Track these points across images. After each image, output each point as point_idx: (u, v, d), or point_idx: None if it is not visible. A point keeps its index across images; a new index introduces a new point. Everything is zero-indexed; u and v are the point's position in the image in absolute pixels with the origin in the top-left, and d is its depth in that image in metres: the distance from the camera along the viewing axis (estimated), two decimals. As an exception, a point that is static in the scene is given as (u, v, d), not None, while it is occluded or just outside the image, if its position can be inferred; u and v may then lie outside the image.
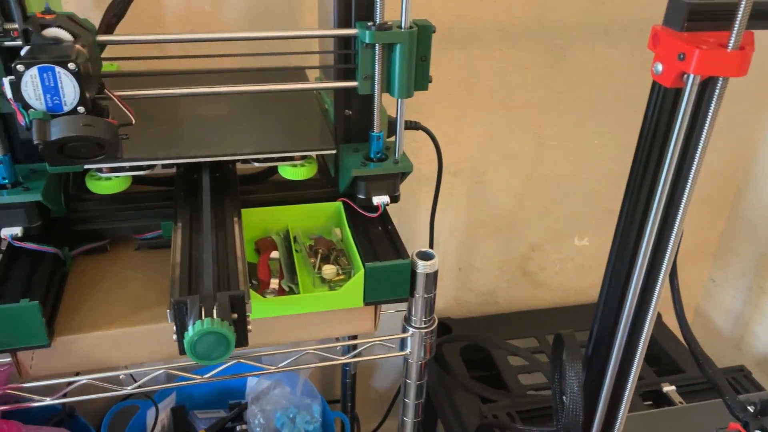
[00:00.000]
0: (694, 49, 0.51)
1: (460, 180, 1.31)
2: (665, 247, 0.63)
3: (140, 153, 0.71)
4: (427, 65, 0.74)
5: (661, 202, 0.60)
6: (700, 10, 0.54)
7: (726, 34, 0.52)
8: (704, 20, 0.54)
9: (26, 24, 0.57)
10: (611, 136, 1.33)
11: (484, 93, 1.23)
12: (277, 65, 0.86)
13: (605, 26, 1.21)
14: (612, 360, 0.70)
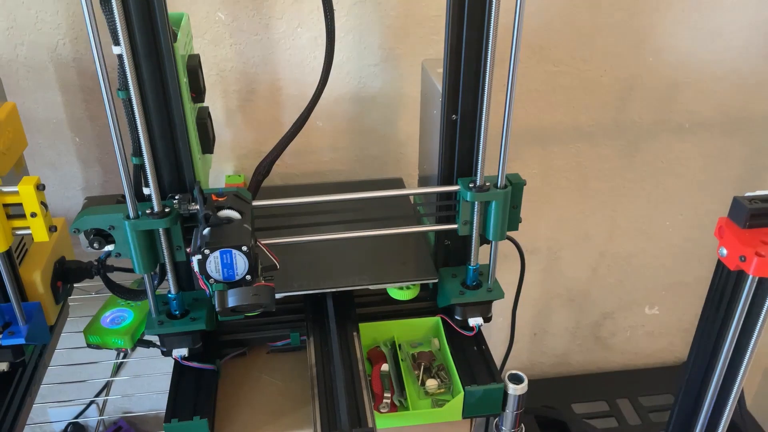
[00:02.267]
0: (753, 254, 0.62)
1: (537, 257, 1.42)
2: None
3: (278, 285, 0.87)
4: (518, 211, 0.86)
5: (726, 360, 0.71)
6: (760, 213, 0.64)
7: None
8: (764, 223, 0.64)
9: (207, 208, 0.73)
10: (682, 218, 1.41)
11: (561, 183, 1.33)
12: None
13: (678, 123, 1.29)
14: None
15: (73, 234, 0.77)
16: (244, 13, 1.07)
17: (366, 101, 1.19)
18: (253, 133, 1.19)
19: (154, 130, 0.76)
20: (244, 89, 1.14)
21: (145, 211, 0.76)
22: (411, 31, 1.13)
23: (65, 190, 1.18)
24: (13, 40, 1.03)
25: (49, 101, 1.09)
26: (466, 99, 0.81)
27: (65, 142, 1.13)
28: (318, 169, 1.25)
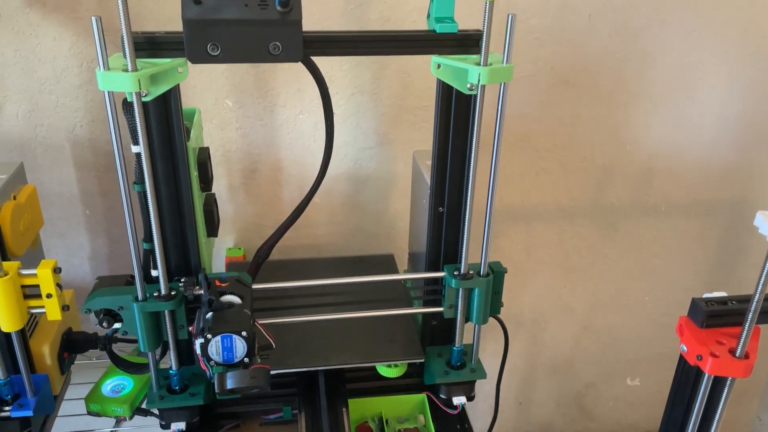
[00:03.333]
0: (708, 354, 0.68)
1: (521, 328, 1.48)
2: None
3: (273, 362, 0.92)
4: (500, 297, 0.93)
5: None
6: (716, 314, 0.71)
7: (738, 330, 0.69)
8: (719, 323, 0.71)
9: (210, 293, 0.79)
10: (660, 293, 1.48)
11: (544, 258, 1.40)
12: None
13: (654, 205, 1.37)
14: None
15: (84, 313, 0.83)
16: (250, 101, 1.16)
17: (361, 180, 1.26)
18: (253, 208, 1.26)
19: (165, 218, 0.83)
20: (248, 168, 1.21)
21: (153, 294, 0.82)
22: (403, 118, 1.22)
23: (72, 258, 1.24)
24: (33, 122, 1.11)
25: (64, 177, 1.16)
26: (452, 194, 0.89)
27: (76, 214, 1.20)
28: (314, 242, 1.31)
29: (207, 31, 0.72)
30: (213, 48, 0.73)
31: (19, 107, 1.10)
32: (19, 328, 0.81)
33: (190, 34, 0.72)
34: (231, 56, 0.74)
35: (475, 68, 0.76)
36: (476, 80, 0.76)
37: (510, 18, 0.74)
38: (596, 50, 1.20)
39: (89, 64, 1.08)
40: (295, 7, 0.73)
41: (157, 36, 0.73)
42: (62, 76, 1.09)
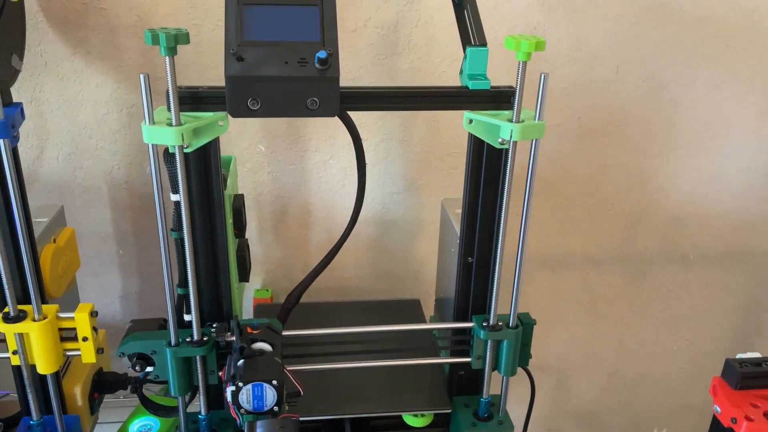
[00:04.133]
0: (743, 418, 0.67)
1: (547, 375, 1.46)
2: None
3: (300, 408, 0.92)
4: (528, 348, 0.92)
5: None
6: (751, 376, 0.70)
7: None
8: (754, 384, 0.70)
9: (242, 340, 0.81)
10: (688, 343, 1.46)
11: (571, 305, 1.39)
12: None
13: (683, 254, 1.36)
14: None
15: (118, 357, 0.84)
16: (283, 146, 1.18)
17: (388, 224, 1.28)
18: (282, 250, 1.27)
19: (200, 264, 0.85)
20: (278, 211, 1.24)
21: (185, 339, 0.83)
22: (431, 164, 1.23)
23: (104, 297, 1.26)
24: (73, 164, 1.15)
25: (100, 218, 1.19)
26: (482, 244, 0.89)
27: (110, 253, 1.22)
28: (341, 284, 1.32)
29: (248, 87, 0.75)
30: (253, 103, 0.75)
31: (60, 150, 1.14)
32: (55, 370, 0.83)
33: (232, 90, 0.75)
34: (270, 111, 0.76)
35: (507, 125, 0.77)
36: (509, 136, 0.77)
37: (542, 77, 0.75)
38: (625, 100, 1.21)
39: (129, 110, 1.12)
40: (333, 65, 0.76)
41: (200, 91, 0.76)
42: (102, 121, 1.12)
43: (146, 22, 1.06)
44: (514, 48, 0.74)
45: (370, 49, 1.12)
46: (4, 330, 0.80)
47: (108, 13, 1.05)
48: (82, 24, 1.05)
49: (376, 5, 1.09)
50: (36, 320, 0.80)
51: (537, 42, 0.72)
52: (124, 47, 1.08)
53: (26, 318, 0.80)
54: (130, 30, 1.06)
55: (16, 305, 0.80)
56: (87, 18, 1.05)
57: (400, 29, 1.12)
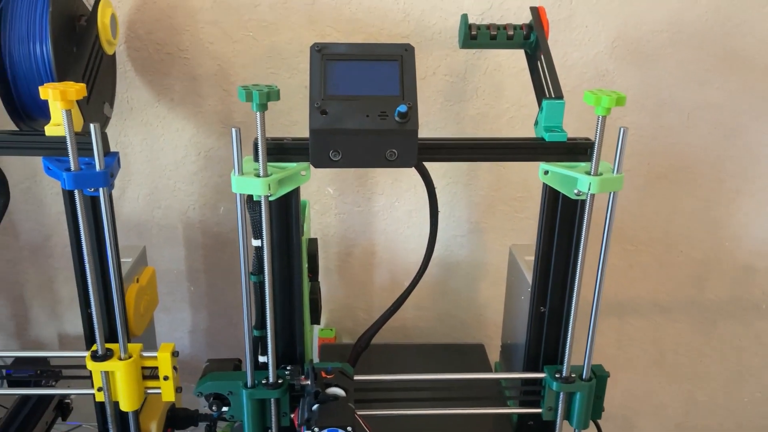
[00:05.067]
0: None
1: (611, 425, 1.42)
2: None
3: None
4: (601, 401, 0.91)
5: None
6: None
7: None
8: None
9: (316, 385, 0.82)
10: (761, 395, 1.40)
11: (637, 353, 1.36)
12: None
13: (755, 303, 1.32)
14: None
15: (196, 396, 0.87)
16: (350, 189, 1.21)
17: (451, 267, 1.28)
18: (346, 290, 1.29)
19: (276, 307, 0.87)
20: (343, 252, 1.26)
21: (261, 381, 0.85)
22: (497, 208, 1.24)
23: (174, 331, 1.30)
24: (152, 204, 1.20)
25: (174, 255, 1.24)
26: (555, 294, 0.89)
27: (181, 290, 1.27)
28: (402, 324, 1.33)
29: (331, 139, 0.77)
30: (335, 154, 0.78)
31: (141, 191, 1.19)
32: (137, 408, 0.86)
33: (316, 142, 0.77)
34: (350, 162, 0.79)
35: (585, 177, 0.77)
36: (586, 189, 0.77)
37: (621, 132, 0.76)
38: (696, 147, 1.20)
39: (206, 153, 1.17)
40: (412, 118, 0.78)
41: (285, 143, 0.79)
42: (181, 164, 1.17)
43: (226, 71, 1.11)
44: (594, 103, 0.74)
45: (438, 96, 1.15)
46: (92, 368, 0.83)
47: (191, 63, 1.11)
48: (167, 72, 1.11)
49: (445, 54, 1.12)
50: (122, 359, 0.84)
51: (618, 98, 0.73)
52: (205, 94, 1.13)
53: (113, 356, 0.84)
54: (210, 79, 1.12)
55: (104, 344, 0.84)
56: (172, 67, 1.11)
57: (468, 76, 1.14)
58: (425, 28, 1.10)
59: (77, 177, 0.74)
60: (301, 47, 1.10)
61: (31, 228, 1.21)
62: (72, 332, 1.31)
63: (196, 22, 1.08)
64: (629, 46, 1.13)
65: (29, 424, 1.02)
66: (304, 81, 1.12)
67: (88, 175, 0.74)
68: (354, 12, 1.09)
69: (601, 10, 1.10)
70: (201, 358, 1.31)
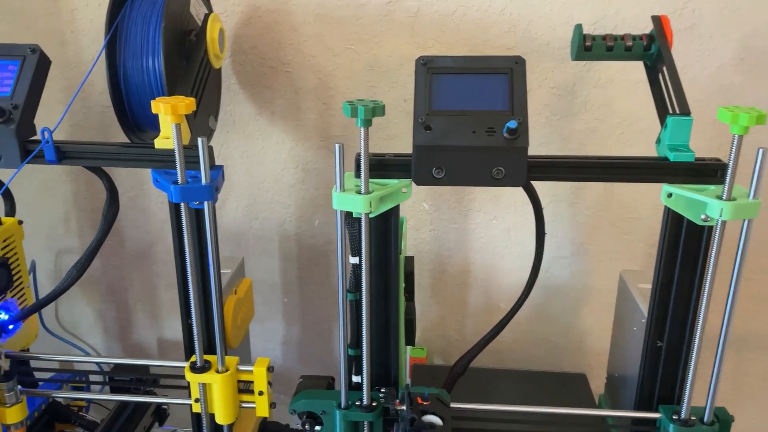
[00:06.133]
0: None
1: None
2: None
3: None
4: (724, 444, 0.82)
5: None
6: None
7: None
8: None
9: (412, 411, 0.79)
10: None
11: (755, 391, 1.24)
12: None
13: None
14: None
15: (290, 413, 0.86)
16: (446, 205, 1.17)
17: (552, 290, 1.22)
18: (438, 309, 1.25)
19: (372, 327, 0.84)
20: (437, 269, 1.22)
21: (355, 402, 0.83)
22: (603, 229, 1.16)
23: (266, 342, 1.31)
24: (250, 216, 1.21)
25: (269, 267, 1.24)
26: (675, 328, 0.81)
27: (275, 301, 1.27)
28: (496, 347, 1.27)
29: (435, 156, 0.74)
30: (438, 171, 0.75)
31: (240, 202, 1.21)
32: (232, 421, 0.86)
33: (419, 159, 0.74)
34: (454, 180, 0.75)
35: (716, 202, 0.70)
36: (717, 215, 0.70)
37: (760, 153, 0.68)
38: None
39: (304, 166, 1.17)
40: (522, 135, 0.73)
41: (386, 159, 0.77)
42: (279, 176, 1.18)
43: (326, 84, 1.11)
44: (729, 121, 0.67)
45: (544, 110, 1.09)
46: (190, 379, 0.84)
47: (293, 76, 1.11)
48: (269, 86, 1.12)
49: (552, 66, 1.07)
50: (219, 371, 0.84)
51: (758, 116, 0.65)
52: (305, 108, 1.13)
53: (211, 369, 0.84)
54: (311, 92, 1.12)
55: (203, 356, 0.84)
56: (274, 80, 1.12)
57: (577, 89, 1.08)
58: (531, 39, 1.05)
59: (184, 190, 0.74)
60: (402, 60, 1.08)
61: (136, 235, 1.26)
62: (171, 338, 1.34)
63: (300, 35, 1.08)
64: (758, 58, 1.03)
65: (129, 427, 1.05)
66: (403, 94, 1.10)
67: (195, 188, 0.75)
68: (458, 24, 1.05)
69: (727, 18, 1.01)
70: (292, 371, 1.32)
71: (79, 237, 1.27)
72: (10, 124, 0.77)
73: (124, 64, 0.84)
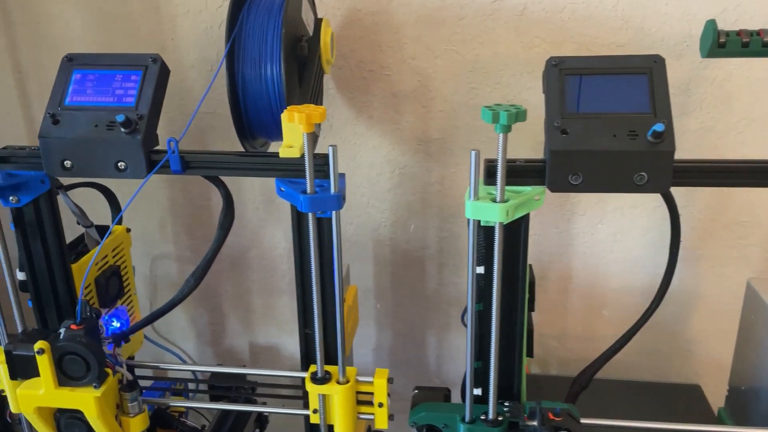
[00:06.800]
0: None
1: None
2: None
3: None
4: None
5: None
6: None
7: None
8: None
9: (546, 428, 0.75)
10: None
11: None
12: None
13: None
14: None
15: (410, 426, 0.84)
16: (548, 208, 1.14)
17: (658, 296, 1.16)
18: (537, 316, 1.21)
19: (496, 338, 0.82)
20: (538, 275, 1.18)
21: (479, 416, 0.80)
22: (716, 233, 1.11)
23: (359, 347, 1.29)
24: (345, 220, 1.20)
25: (363, 271, 1.23)
26: (824, 342, 0.76)
27: (368, 307, 1.26)
28: (595, 356, 1.23)
29: (572, 161, 0.71)
30: (575, 178, 0.72)
31: (335, 207, 1.19)
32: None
33: (555, 165, 0.71)
34: (591, 186, 0.72)
35: None
36: None
37: None
38: None
39: (400, 171, 1.15)
40: (667, 138, 0.70)
41: (517, 165, 0.74)
42: (375, 181, 1.16)
43: (426, 86, 1.09)
44: None
45: (655, 109, 1.04)
46: (310, 389, 0.83)
47: (392, 79, 1.09)
48: (367, 90, 1.10)
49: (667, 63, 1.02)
50: (340, 383, 0.82)
51: None
52: (403, 111, 1.11)
53: (331, 380, 0.83)
54: (410, 95, 1.10)
55: (323, 366, 0.83)
56: (373, 84, 1.10)
57: (692, 87, 1.02)
58: (645, 35, 1.01)
59: (314, 200, 0.73)
60: (506, 60, 1.05)
61: (232, 241, 1.26)
62: (263, 343, 1.34)
63: (400, 38, 1.06)
64: None
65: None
66: (506, 95, 1.07)
67: (325, 198, 0.73)
68: (566, 21, 1.02)
69: None
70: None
71: (174, 243, 1.28)
72: (136, 135, 0.77)
73: (243, 72, 0.83)
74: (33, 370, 0.78)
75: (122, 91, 0.79)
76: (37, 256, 0.85)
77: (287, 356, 1.35)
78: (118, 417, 0.81)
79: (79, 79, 0.80)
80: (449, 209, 1.17)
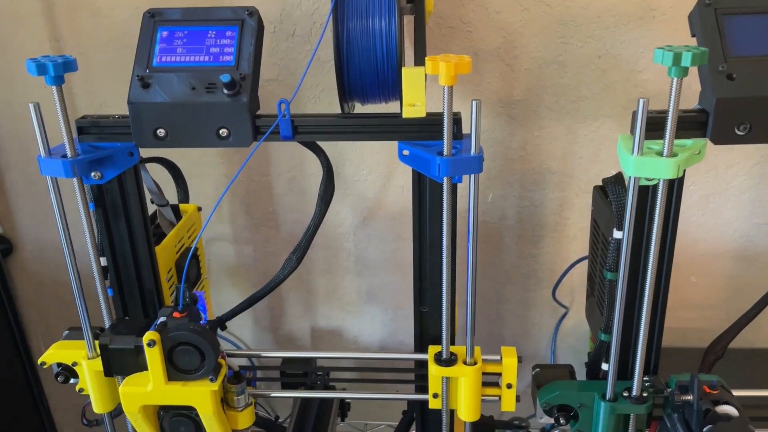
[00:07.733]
0: None
1: None
2: None
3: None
4: None
5: None
6: None
7: None
8: None
9: (705, 402, 0.69)
10: None
11: None
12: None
13: None
14: None
15: (541, 407, 0.77)
16: (639, 171, 1.07)
17: (750, 260, 1.11)
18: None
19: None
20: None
21: (622, 393, 0.74)
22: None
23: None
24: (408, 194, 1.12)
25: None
26: None
27: (442, 284, 1.18)
28: (682, 325, 1.18)
29: (741, 110, 0.64)
30: (743, 128, 0.65)
31: (406, 178, 1.11)
32: (477, 418, 0.78)
33: (720, 114, 0.65)
34: (762, 137, 0.65)
35: None
36: None
37: None
38: None
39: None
40: None
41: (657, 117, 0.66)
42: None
43: (511, 43, 1.01)
44: None
45: None
46: (435, 372, 0.76)
47: (473, 36, 1.01)
48: (446, 48, 1.02)
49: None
50: (467, 363, 0.75)
51: None
52: (483, 70, 1.03)
53: (457, 361, 0.75)
54: (493, 53, 1.02)
55: (449, 347, 0.76)
56: (452, 41, 1.01)
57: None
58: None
59: (454, 162, 0.65)
60: (599, 12, 0.98)
61: (293, 219, 1.17)
62: (324, 326, 1.27)
63: (484, -10, 0.98)
64: None
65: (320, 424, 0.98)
66: (598, 50, 1.00)
67: (465, 159, 0.65)
68: (668, -34, 0.94)
69: None
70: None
71: (231, 224, 1.19)
72: (241, 96, 0.68)
73: (346, 26, 0.74)
74: (132, 366, 0.69)
75: (218, 49, 0.70)
76: (120, 238, 0.76)
77: (350, 339, 1.28)
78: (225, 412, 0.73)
79: (167, 37, 0.71)
80: (532, 176, 1.10)
